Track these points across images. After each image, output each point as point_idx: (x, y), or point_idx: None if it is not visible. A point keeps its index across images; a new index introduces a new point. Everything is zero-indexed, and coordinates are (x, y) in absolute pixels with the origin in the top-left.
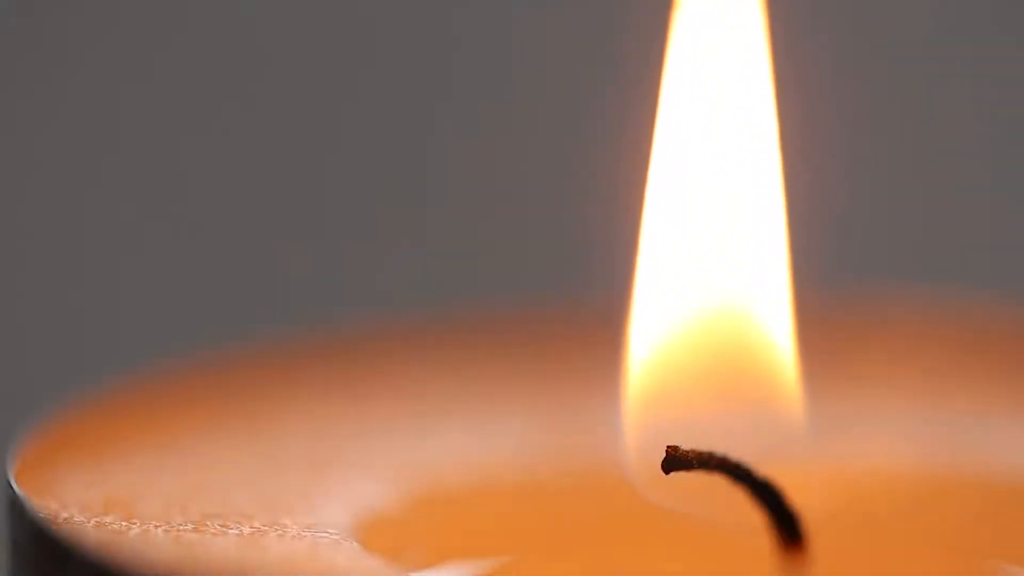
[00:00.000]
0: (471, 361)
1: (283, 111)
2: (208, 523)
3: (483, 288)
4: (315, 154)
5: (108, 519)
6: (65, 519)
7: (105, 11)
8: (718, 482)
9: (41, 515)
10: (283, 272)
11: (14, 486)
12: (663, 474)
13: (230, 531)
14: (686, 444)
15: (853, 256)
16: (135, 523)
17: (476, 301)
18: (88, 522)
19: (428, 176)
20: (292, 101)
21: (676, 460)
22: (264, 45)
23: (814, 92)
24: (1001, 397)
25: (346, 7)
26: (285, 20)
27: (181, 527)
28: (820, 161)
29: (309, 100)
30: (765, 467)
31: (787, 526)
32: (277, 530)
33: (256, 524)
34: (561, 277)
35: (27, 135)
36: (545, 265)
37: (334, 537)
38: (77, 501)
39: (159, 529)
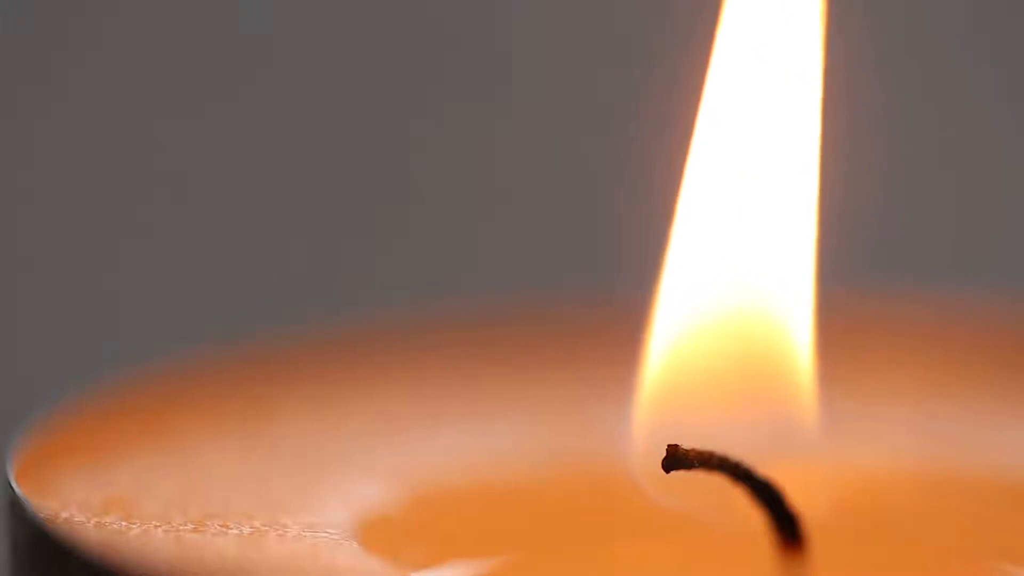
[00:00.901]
0: (472, 360)
1: (286, 109)
2: (208, 523)
3: (489, 286)
4: (315, 154)
5: (108, 519)
6: (65, 519)
7: (103, 10)
8: (720, 482)
9: (41, 515)
10: (283, 272)
11: (14, 486)
12: (664, 473)
13: (230, 531)
14: (692, 444)
15: (855, 256)
16: (135, 523)
17: (480, 300)
18: (88, 522)
19: (430, 174)
20: (295, 99)
21: (677, 459)
22: (262, 42)
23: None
24: (1002, 397)
25: (346, 3)
26: (284, 17)
27: (181, 527)
28: (824, 159)
29: (309, 99)
30: (768, 466)
31: (787, 526)
32: (277, 530)
33: (256, 524)
34: (562, 276)
35: (27, 134)
36: (546, 264)
37: (334, 537)
38: (77, 501)
39: (159, 529)
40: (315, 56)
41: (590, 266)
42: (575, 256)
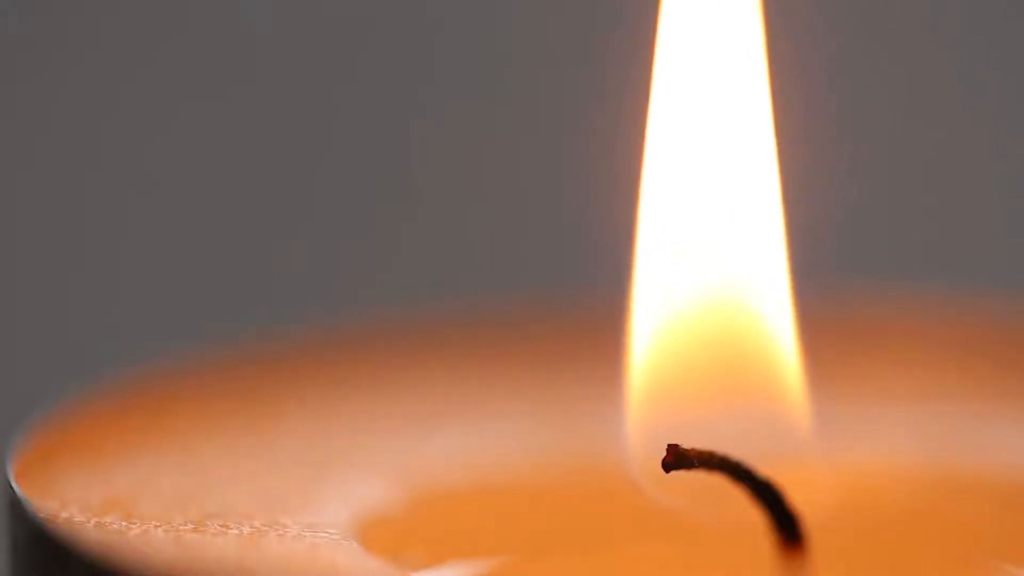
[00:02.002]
0: (472, 360)
1: (285, 109)
2: (208, 523)
3: (482, 287)
4: (315, 154)
5: (108, 519)
6: (65, 519)
7: (102, 10)
8: (719, 482)
9: (41, 515)
10: (283, 272)
11: (14, 486)
12: (664, 473)
13: (230, 531)
14: (688, 443)
15: (855, 256)
16: (135, 523)
17: (476, 300)
18: (88, 522)
19: (425, 174)
20: (294, 99)
21: (677, 459)
22: (261, 42)
23: (813, 86)
24: (1001, 397)
25: (345, 3)
26: (282, 16)
27: (181, 527)
28: (821, 157)
29: (308, 99)
30: (768, 466)
31: (787, 526)
32: (277, 530)
33: (256, 524)
34: (562, 276)
35: (26, 134)
36: (547, 263)
37: (334, 537)
38: (77, 501)
39: (159, 529)
40: (314, 56)
41: (591, 266)
42: (576, 256)
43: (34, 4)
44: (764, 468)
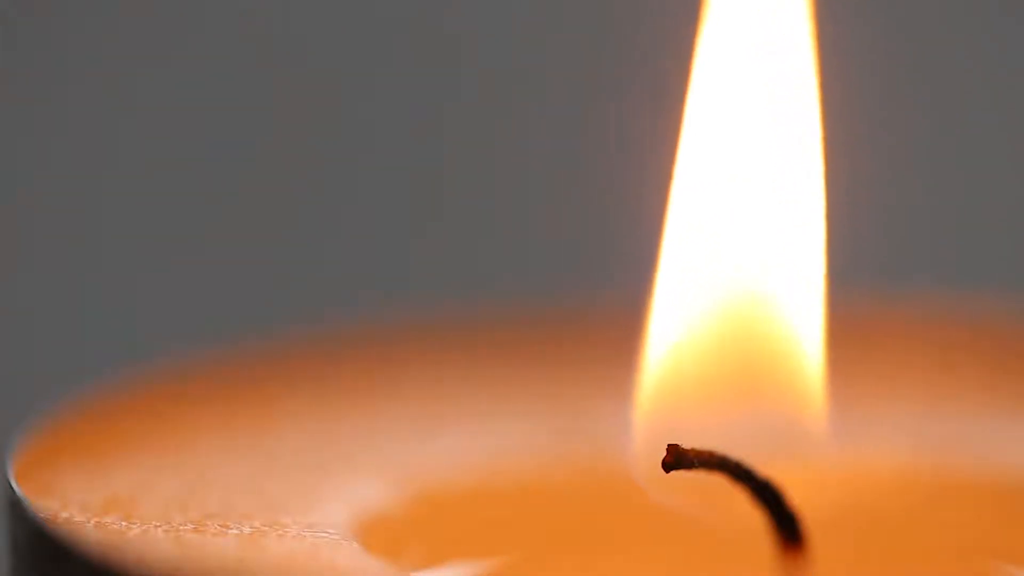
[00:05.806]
0: (473, 361)
1: (287, 109)
2: (208, 523)
3: (489, 287)
4: (317, 155)
5: (108, 519)
6: (65, 519)
7: (107, 9)
8: (719, 482)
9: (41, 515)
10: (284, 272)
11: (14, 486)
12: (664, 473)
13: (230, 531)
14: (692, 444)
15: (857, 256)
16: (135, 523)
17: (480, 300)
18: (88, 522)
19: (439, 170)
20: (297, 99)
21: (677, 459)
22: (268, 41)
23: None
24: (1002, 398)
25: (347, 5)
26: (291, 15)
27: (181, 527)
28: (847, 160)
29: (312, 100)
30: (768, 466)
31: (787, 526)
32: (277, 530)
33: (256, 524)
34: (569, 275)
35: (27, 133)
36: (559, 263)
37: (334, 537)
38: (77, 501)
39: (159, 529)
40: (320, 58)
41: (591, 266)
42: (576, 256)
43: (34, 4)
44: (764, 468)
